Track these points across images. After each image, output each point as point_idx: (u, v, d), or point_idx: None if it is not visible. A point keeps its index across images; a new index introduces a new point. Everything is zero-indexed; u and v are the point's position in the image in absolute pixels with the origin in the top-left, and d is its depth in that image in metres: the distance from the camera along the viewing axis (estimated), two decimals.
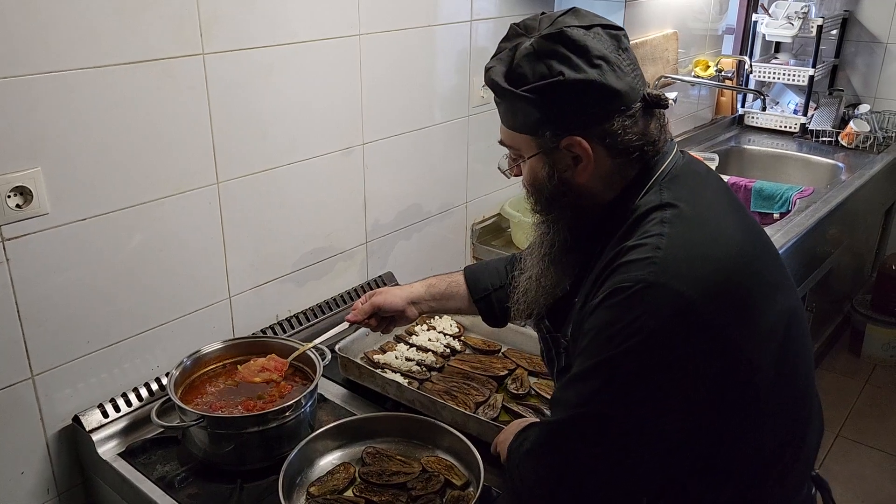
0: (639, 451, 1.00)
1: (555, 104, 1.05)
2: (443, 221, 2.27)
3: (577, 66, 1.02)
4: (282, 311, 1.87)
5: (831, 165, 3.27)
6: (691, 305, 0.96)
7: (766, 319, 1.03)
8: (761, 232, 1.17)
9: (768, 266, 1.11)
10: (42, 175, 1.34)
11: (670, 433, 1.00)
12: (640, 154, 1.09)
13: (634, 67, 1.08)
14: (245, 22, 1.58)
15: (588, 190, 1.12)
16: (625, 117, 1.06)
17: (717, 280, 0.99)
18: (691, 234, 1.03)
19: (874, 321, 3.45)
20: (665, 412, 0.99)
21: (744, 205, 1.21)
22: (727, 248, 1.03)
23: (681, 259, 0.99)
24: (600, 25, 1.07)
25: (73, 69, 1.34)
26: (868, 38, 3.70)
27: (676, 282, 0.97)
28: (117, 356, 1.56)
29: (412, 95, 2.04)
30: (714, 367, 0.98)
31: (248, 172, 1.69)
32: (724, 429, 1.03)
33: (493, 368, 1.69)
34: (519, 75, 1.06)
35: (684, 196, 1.07)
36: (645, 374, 0.97)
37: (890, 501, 2.69)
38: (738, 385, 1.01)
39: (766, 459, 1.08)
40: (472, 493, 1.34)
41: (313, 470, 1.42)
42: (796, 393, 1.12)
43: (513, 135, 1.14)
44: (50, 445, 1.50)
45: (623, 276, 1.00)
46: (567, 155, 1.09)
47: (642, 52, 2.84)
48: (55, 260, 1.41)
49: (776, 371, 1.04)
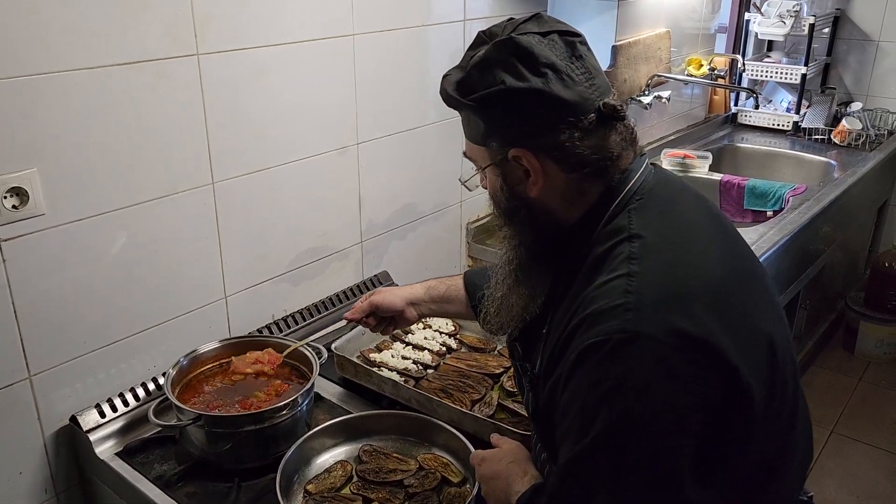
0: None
1: (498, 114, 1.01)
2: (437, 221, 2.28)
3: (520, 75, 0.97)
4: (277, 311, 1.88)
5: (824, 163, 3.29)
6: (675, 350, 0.90)
7: (752, 342, 0.98)
8: (742, 254, 1.10)
9: (750, 289, 1.04)
10: (38, 176, 1.35)
11: (687, 471, 0.93)
12: (598, 170, 1.02)
13: (589, 76, 1.01)
14: (239, 22, 1.59)
15: (545, 207, 1.05)
16: (575, 129, 0.99)
17: (696, 314, 0.92)
18: (660, 268, 0.96)
19: (868, 318, 3.47)
20: (678, 459, 0.92)
21: (725, 220, 1.13)
22: (701, 278, 0.96)
23: (654, 300, 0.92)
24: (558, 32, 1.01)
25: (68, 70, 1.34)
26: (860, 36, 3.72)
27: (653, 328, 0.90)
28: (114, 356, 1.56)
29: (406, 95, 2.05)
30: (711, 396, 0.92)
31: (243, 172, 1.69)
32: (720, 455, 0.97)
33: (489, 366, 1.70)
34: (469, 84, 1.02)
35: (652, 222, 1.01)
36: (647, 434, 0.90)
37: (884, 497, 2.70)
38: (737, 408, 0.95)
39: (755, 480, 1.04)
40: (468, 489, 1.35)
41: (310, 468, 1.42)
42: (783, 418, 1.06)
43: (470, 145, 1.10)
44: (47, 445, 1.51)
45: (595, 329, 0.93)
46: (517, 167, 1.03)
47: (635, 51, 2.86)
48: (52, 260, 1.41)
49: (768, 394, 0.99)
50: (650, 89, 2.99)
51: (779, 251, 2.42)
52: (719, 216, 1.13)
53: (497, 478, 1.19)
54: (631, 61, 2.85)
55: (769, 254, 2.36)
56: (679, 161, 3.10)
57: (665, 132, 3.35)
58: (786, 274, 2.64)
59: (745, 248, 1.12)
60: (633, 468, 0.91)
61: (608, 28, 2.75)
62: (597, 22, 2.76)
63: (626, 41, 2.81)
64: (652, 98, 2.97)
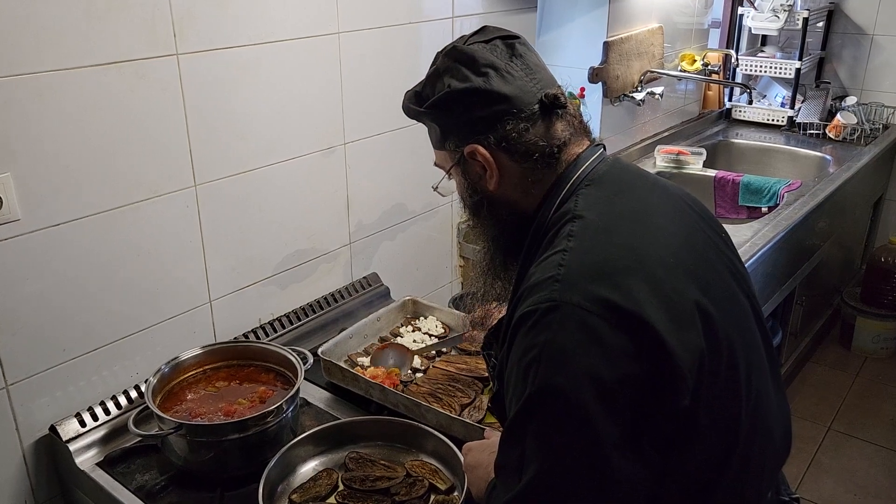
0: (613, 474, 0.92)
1: (449, 115, 1.09)
2: (428, 221, 2.25)
3: (463, 77, 1.06)
4: (264, 315, 1.85)
5: (819, 158, 3.27)
6: (599, 318, 0.90)
7: (688, 319, 0.96)
8: (700, 242, 1.08)
9: (691, 276, 1.01)
10: (12, 180, 1.32)
11: (616, 441, 0.91)
12: (547, 157, 1.07)
13: (529, 72, 1.08)
14: (219, 21, 1.55)
15: (505, 199, 1.11)
16: (519, 120, 1.05)
17: (625, 287, 0.92)
18: (595, 245, 0.99)
19: (864, 314, 3.45)
20: (604, 428, 0.90)
21: (693, 210, 1.13)
22: (638, 254, 0.97)
23: (583, 272, 0.95)
24: (500, 37, 1.10)
25: (42, 71, 1.31)
26: (854, 30, 3.69)
27: (578, 297, 0.92)
28: (95, 364, 1.53)
29: (394, 94, 1.99)
30: (637, 371, 0.91)
31: (226, 174, 1.66)
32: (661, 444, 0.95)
33: (479, 369, 1.67)
34: (424, 95, 1.12)
35: (597, 204, 1.04)
36: (567, 401, 0.90)
37: (882, 494, 2.68)
38: (669, 383, 0.93)
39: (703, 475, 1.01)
40: (456, 497, 1.32)
41: (295, 476, 1.39)
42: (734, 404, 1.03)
43: (436, 153, 1.18)
44: (26, 456, 1.47)
45: (527, 300, 0.96)
46: (475, 164, 1.10)
47: (627, 47, 2.83)
48: (28, 267, 1.38)
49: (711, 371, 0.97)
50: (643, 85, 2.96)
51: (774, 247, 2.39)
52: (677, 199, 1.13)
53: (479, 467, 1.22)
54: (623, 57, 2.82)
55: (764, 250, 2.33)
56: (673, 157, 3.07)
57: (659, 128, 3.32)
58: (781, 270, 2.62)
59: (705, 230, 1.11)
60: (558, 436, 0.92)
61: (599, 24, 2.72)
62: (588, 18, 2.73)
63: (618, 37, 2.78)
64: (645, 94, 2.94)
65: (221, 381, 1.56)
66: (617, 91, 2.85)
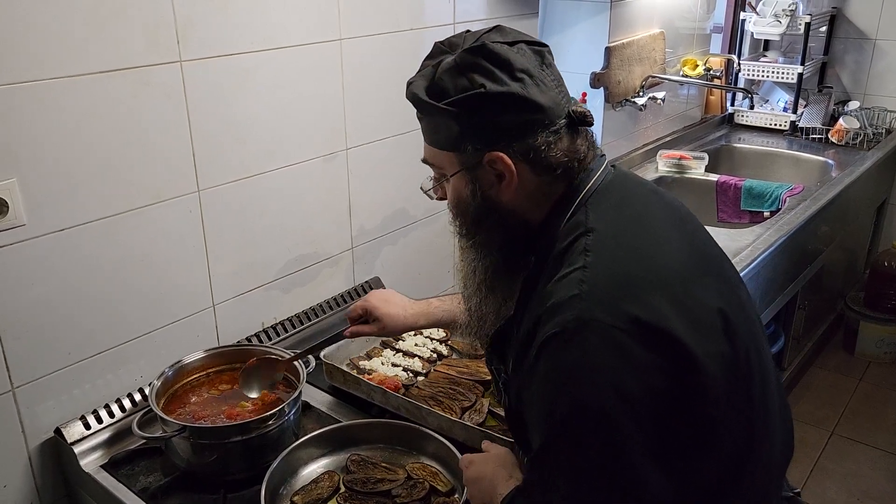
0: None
1: (476, 117, 1.02)
2: (429, 226, 2.26)
3: (499, 79, 1.00)
4: (267, 319, 1.86)
5: (821, 163, 3.27)
6: (627, 335, 0.91)
7: (707, 324, 0.97)
8: (705, 249, 1.11)
9: (706, 276, 1.04)
10: (18, 186, 1.33)
11: (643, 457, 0.92)
12: (566, 171, 1.06)
13: (559, 84, 1.06)
14: (222, 28, 1.57)
15: (514, 209, 1.08)
16: (548, 133, 1.03)
17: (647, 300, 0.93)
18: (614, 259, 0.98)
19: (867, 318, 3.44)
20: (633, 446, 0.91)
21: (681, 212, 1.14)
22: (652, 266, 0.98)
23: (607, 289, 0.95)
24: (524, 42, 1.05)
25: (47, 79, 1.33)
26: (856, 35, 3.70)
27: (605, 315, 0.92)
28: (99, 367, 1.54)
29: (395, 99, 2.02)
30: (664, 384, 0.92)
31: (229, 180, 1.68)
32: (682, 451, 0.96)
33: (480, 372, 1.68)
34: (441, 89, 1.03)
35: (606, 216, 1.04)
36: (599, 421, 0.91)
37: (885, 498, 2.68)
38: (694, 392, 0.94)
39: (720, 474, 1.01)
40: (457, 499, 1.33)
41: (297, 479, 1.40)
42: (751, 406, 1.03)
43: (435, 152, 1.10)
44: (32, 458, 1.49)
45: (552, 321, 0.94)
46: (490, 171, 1.05)
47: (628, 52, 2.84)
48: (33, 271, 1.39)
49: (731, 376, 0.98)
50: (645, 90, 2.97)
51: (776, 252, 2.40)
52: (675, 208, 1.14)
53: (482, 480, 1.19)
54: (625, 62, 2.83)
55: (766, 255, 2.33)
56: (675, 162, 3.08)
57: (661, 133, 3.32)
58: (784, 275, 2.62)
59: (703, 236, 1.13)
60: (589, 456, 0.92)
61: (601, 29, 2.73)
62: (589, 23, 2.74)
63: (620, 42, 2.80)
64: (646, 99, 2.95)
65: (224, 384, 1.57)
66: (619, 96, 2.86)
